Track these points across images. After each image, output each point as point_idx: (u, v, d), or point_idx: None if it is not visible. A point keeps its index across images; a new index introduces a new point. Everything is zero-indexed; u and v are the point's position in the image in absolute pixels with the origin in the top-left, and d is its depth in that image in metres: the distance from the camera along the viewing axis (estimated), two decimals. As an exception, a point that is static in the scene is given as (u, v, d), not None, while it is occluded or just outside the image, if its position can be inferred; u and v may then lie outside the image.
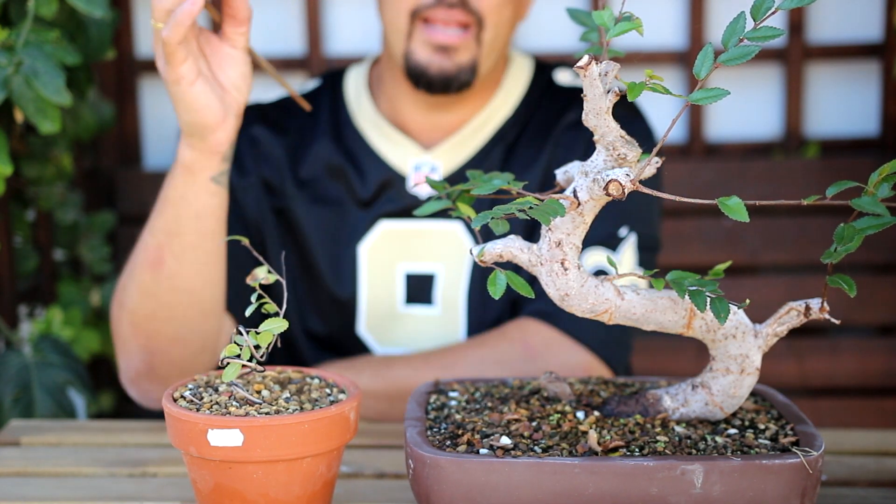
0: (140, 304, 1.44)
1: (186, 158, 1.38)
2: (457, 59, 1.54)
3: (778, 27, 0.90)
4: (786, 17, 2.33)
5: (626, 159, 0.96)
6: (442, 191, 1.13)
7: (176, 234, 1.41)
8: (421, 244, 1.60)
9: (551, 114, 1.63)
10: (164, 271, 1.42)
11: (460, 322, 1.60)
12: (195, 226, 1.40)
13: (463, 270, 1.59)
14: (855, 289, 0.94)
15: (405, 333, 1.62)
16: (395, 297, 1.61)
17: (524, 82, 1.66)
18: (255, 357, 1.06)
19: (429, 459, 0.97)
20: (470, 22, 1.52)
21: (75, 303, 2.18)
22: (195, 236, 1.41)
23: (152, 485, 1.28)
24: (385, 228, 1.60)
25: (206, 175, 1.38)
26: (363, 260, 1.61)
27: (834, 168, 2.26)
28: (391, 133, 1.63)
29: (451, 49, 1.53)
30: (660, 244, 1.63)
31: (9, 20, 1.64)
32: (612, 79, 0.93)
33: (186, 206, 1.39)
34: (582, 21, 1.11)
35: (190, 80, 1.30)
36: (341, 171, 1.62)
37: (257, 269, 1.12)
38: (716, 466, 0.95)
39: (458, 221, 1.59)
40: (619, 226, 1.55)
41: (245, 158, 1.64)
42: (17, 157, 1.99)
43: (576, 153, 1.58)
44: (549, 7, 2.19)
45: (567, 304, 1.01)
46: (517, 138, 1.62)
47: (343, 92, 1.69)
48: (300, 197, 1.62)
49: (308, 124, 1.66)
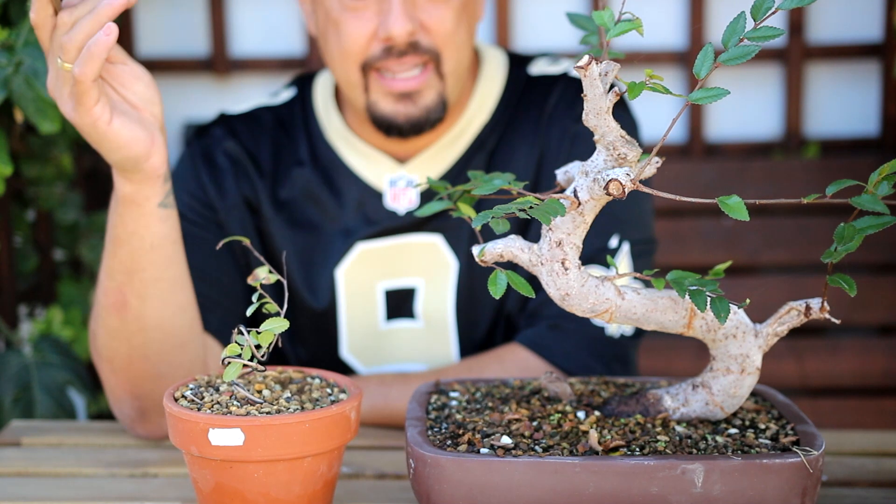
0: (114, 349, 1.37)
1: (128, 192, 1.28)
2: (422, 102, 1.47)
3: (778, 27, 0.90)
4: (786, 17, 2.33)
5: (627, 159, 0.96)
6: (443, 191, 1.13)
7: (134, 271, 1.32)
8: (400, 260, 1.55)
9: (532, 108, 1.56)
10: (130, 313, 1.33)
11: (450, 336, 1.56)
12: (152, 258, 1.31)
13: (447, 283, 1.55)
14: (855, 288, 0.94)
15: (390, 351, 1.57)
16: (375, 316, 1.56)
17: (500, 82, 1.59)
18: (255, 357, 1.06)
19: (430, 459, 0.97)
20: (426, 60, 1.45)
21: (75, 303, 2.18)
22: (154, 269, 1.32)
23: (153, 485, 1.28)
24: (362, 249, 1.54)
25: (152, 203, 1.29)
26: (341, 283, 1.55)
27: (834, 168, 2.26)
28: (363, 148, 1.56)
29: (414, 94, 1.46)
30: (655, 244, 1.57)
31: (9, 20, 1.64)
32: (612, 79, 0.94)
33: (139, 241, 1.30)
34: (582, 26, 1.11)
35: (106, 119, 1.21)
36: (318, 193, 1.56)
37: (258, 269, 1.12)
38: (716, 466, 0.95)
39: (438, 234, 1.54)
40: (608, 236, 1.49)
41: (224, 177, 1.56)
42: (17, 157, 1.99)
43: (567, 135, 1.52)
44: (549, 7, 2.19)
45: (567, 304, 1.01)
46: (499, 142, 1.55)
47: (313, 104, 1.61)
48: (278, 220, 1.56)
49: (283, 141, 1.59)
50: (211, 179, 1.56)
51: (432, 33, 1.45)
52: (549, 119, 1.54)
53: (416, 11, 1.44)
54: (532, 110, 1.56)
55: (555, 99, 1.55)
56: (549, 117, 1.54)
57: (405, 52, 1.44)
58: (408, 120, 1.48)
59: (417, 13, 1.44)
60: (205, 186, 1.55)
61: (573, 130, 1.52)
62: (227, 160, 1.57)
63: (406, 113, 1.47)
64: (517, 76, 1.59)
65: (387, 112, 1.47)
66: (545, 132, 1.54)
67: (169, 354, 1.36)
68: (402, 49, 1.43)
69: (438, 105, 1.48)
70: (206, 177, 1.56)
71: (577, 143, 1.52)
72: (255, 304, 1.09)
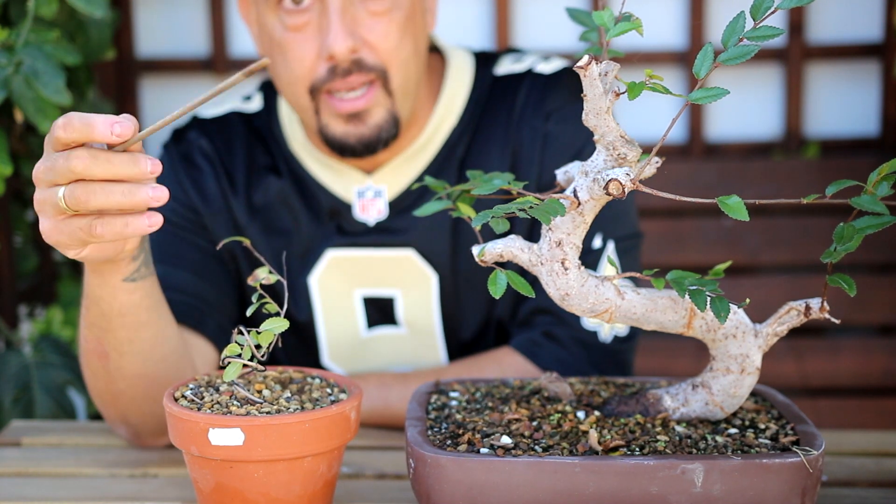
0: (100, 389, 1.34)
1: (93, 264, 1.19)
2: (371, 121, 1.44)
3: (778, 27, 0.90)
4: (786, 17, 2.33)
5: (626, 159, 0.96)
6: (442, 191, 1.13)
7: (107, 329, 1.26)
8: (375, 270, 1.53)
9: (500, 110, 1.53)
10: (111, 363, 1.29)
11: (437, 342, 1.55)
12: (122, 322, 1.25)
13: (429, 294, 1.53)
14: (855, 288, 0.94)
15: (373, 359, 1.56)
16: (356, 324, 1.55)
17: (466, 86, 1.55)
18: (255, 357, 1.06)
19: (430, 459, 0.97)
20: (370, 79, 1.42)
21: (75, 303, 2.18)
22: (126, 331, 1.26)
23: (153, 485, 1.28)
24: (333, 256, 1.53)
25: (116, 279, 1.20)
26: (315, 290, 1.54)
27: (834, 168, 2.26)
28: (327, 161, 1.53)
29: (363, 113, 1.43)
30: (641, 236, 1.54)
31: (9, 20, 1.64)
32: (611, 79, 0.94)
33: (107, 306, 1.23)
34: (582, 21, 1.11)
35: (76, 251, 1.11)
36: (291, 200, 1.54)
37: (258, 269, 1.12)
38: (716, 466, 0.95)
39: (410, 249, 1.52)
40: (591, 238, 1.47)
41: (205, 178, 1.55)
42: (17, 157, 1.99)
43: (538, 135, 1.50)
44: (549, 6, 2.19)
45: (567, 304, 1.01)
46: (469, 147, 1.52)
47: (278, 114, 1.59)
48: (252, 226, 1.54)
49: (256, 148, 1.57)
50: (192, 183, 1.55)
51: (376, 50, 1.41)
52: (518, 120, 1.51)
53: (358, 28, 1.41)
54: (500, 112, 1.53)
55: (522, 99, 1.52)
56: (519, 118, 1.51)
57: (349, 70, 1.41)
58: (359, 141, 1.45)
59: (359, 30, 1.41)
60: (186, 190, 1.54)
61: (543, 130, 1.50)
62: (205, 160, 1.56)
63: (357, 133, 1.44)
64: (483, 77, 1.56)
65: (338, 134, 1.45)
66: (516, 133, 1.51)
67: (156, 396, 1.32)
68: (346, 68, 1.40)
69: (389, 122, 1.45)
70: (186, 180, 1.55)
71: (549, 142, 1.50)
72: (255, 305, 1.09)
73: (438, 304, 1.53)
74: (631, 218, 1.52)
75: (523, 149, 1.50)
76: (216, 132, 1.58)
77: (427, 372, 1.49)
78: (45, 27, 1.58)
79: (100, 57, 1.81)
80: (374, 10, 1.40)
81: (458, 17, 2.38)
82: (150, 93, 2.39)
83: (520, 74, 1.55)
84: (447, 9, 2.39)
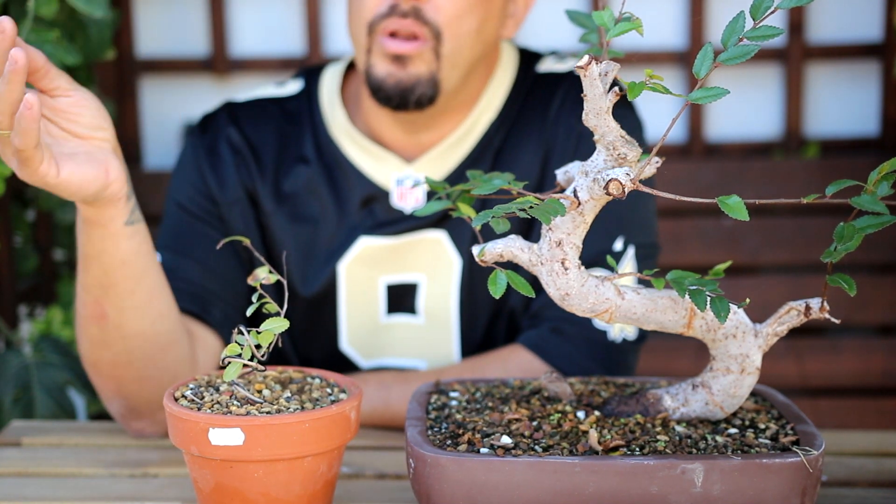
0: (97, 355, 1.37)
1: (90, 216, 1.26)
2: (412, 69, 1.46)
3: (777, 27, 0.90)
4: (786, 17, 2.33)
5: (627, 159, 0.96)
6: (442, 191, 1.13)
7: (109, 286, 1.31)
8: (403, 256, 1.54)
9: (538, 107, 1.56)
10: (110, 323, 1.33)
11: (452, 333, 1.56)
12: (124, 272, 1.30)
13: (451, 281, 1.54)
14: (855, 288, 0.94)
15: (390, 345, 1.57)
16: (376, 309, 1.56)
17: (509, 80, 1.58)
18: (255, 356, 1.06)
19: (430, 458, 0.97)
20: (423, 33, 1.45)
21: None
22: (128, 282, 1.31)
23: (153, 485, 1.28)
24: (365, 244, 1.54)
25: (116, 224, 1.26)
26: (342, 277, 1.55)
27: (834, 168, 2.26)
28: (369, 146, 1.55)
29: (406, 58, 1.45)
30: (659, 249, 1.57)
31: (9, 20, 1.64)
32: (611, 79, 0.94)
33: (109, 258, 1.29)
34: (581, 23, 1.11)
35: (54, 173, 1.15)
36: (321, 189, 1.55)
37: (258, 269, 1.12)
38: (716, 465, 0.95)
39: (442, 231, 1.54)
40: (613, 239, 1.48)
41: (226, 169, 1.56)
42: (18, 157, 1.98)
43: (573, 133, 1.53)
44: (549, 6, 2.19)
45: (567, 304, 1.01)
46: (505, 140, 1.55)
47: (318, 98, 1.61)
48: (278, 213, 1.55)
49: (289, 134, 1.59)
50: (212, 172, 1.56)
51: (439, 9, 1.44)
52: (555, 118, 1.55)
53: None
54: (538, 109, 1.56)
55: (560, 97, 1.55)
56: (556, 116, 1.55)
57: (407, 13, 1.44)
58: (397, 84, 1.47)
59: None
60: (206, 179, 1.55)
61: (578, 129, 1.52)
62: (229, 149, 1.57)
63: (396, 76, 1.47)
64: (525, 74, 1.59)
65: (379, 74, 1.47)
66: (551, 131, 1.54)
67: (153, 359, 1.37)
68: (404, 10, 1.44)
69: (429, 81, 1.47)
70: (207, 169, 1.56)
71: (582, 142, 1.52)
72: (254, 304, 1.09)
73: (458, 293, 1.54)
74: (653, 228, 1.55)
75: (557, 146, 1.53)
76: (247, 118, 1.59)
77: (427, 372, 1.49)
78: (45, 27, 1.58)
79: (100, 57, 1.81)
80: None
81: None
82: (150, 93, 2.39)
83: (561, 74, 1.58)
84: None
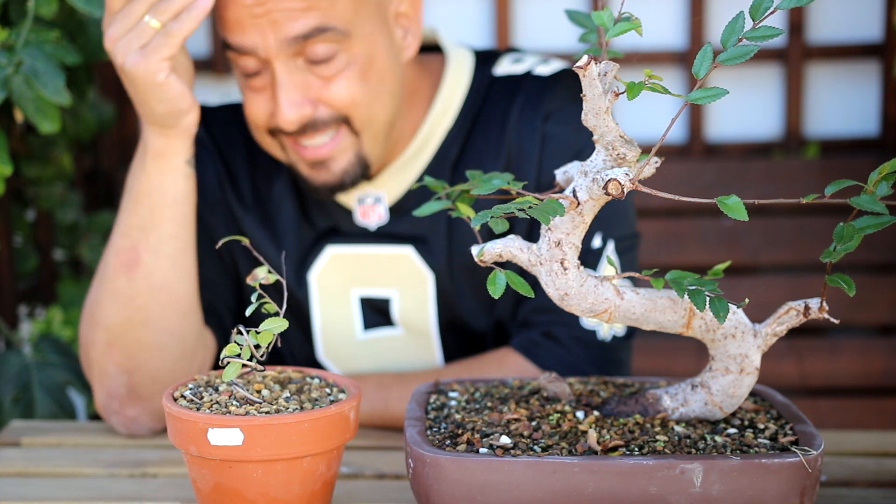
0: (116, 313, 1.40)
1: (159, 146, 1.38)
2: (335, 167, 1.42)
3: (777, 27, 0.90)
4: (786, 17, 2.33)
5: (626, 159, 0.96)
6: (441, 191, 1.13)
7: (152, 227, 1.40)
8: (373, 269, 1.52)
9: (496, 112, 1.49)
10: (140, 270, 1.39)
11: (433, 343, 1.54)
12: (172, 213, 1.40)
13: (426, 295, 1.52)
14: (854, 288, 0.94)
15: (371, 359, 1.55)
16: (352, 324, 1.54)
17: (464, 85, 1.51)
18: (255, 357, 1.06)
19: (429, 458, 0.97)
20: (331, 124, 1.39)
21: (75, 303, 2.18)
22: (172, 225, 1.40)
23: (152, 485, 1.28)
24: (333, 253, 1.52)
25: (180, 159, 1.39)
26: (314, 286, 1.53)
27: (834, 168, 2.26)
28: None
29: (327, 161, 1.42)
30: (639, 237, 1.53)
31: (9, 20, 1.64)
32: (611, 79, 0.94)
33: (162, 195, 1.39)
34: (581, 23, 1.11)
35: (166, 71, 1.32)
36: (290, 198, 1.53)
37: (257, 269, 1.12)
38: (715, 465, 0.95)
39: (409, 246, 1.51)
40: (590, 236, 1.45)
41: (204, 170, 1.53)
42: (17, 157, 1.99)
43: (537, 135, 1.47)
44: (549, 6, 2.19)
45: (567, 304, 1.01)
46: (463, 148, 1.50)
47: None
48: (248, 218, 1.53)
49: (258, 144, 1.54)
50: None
51: (333, 105, 1.38)
52: (516, 122, 1.48)
53: (309, 91, 1.37)
54: (496, 114, 1.50)
55: (520, 101, 1.49)
56: (517, 121, 1.48)
57: (305, 128, 1.39)
58: (324, 185, 1.44)
59: (311, 92, 1.38)
60: None
61: (542, 130, 1.47)
62: (203, 150, 1.54)
63: (322, 179, 1.44)
64: (482, 78, 1.53)
65: (305, 175, 1.45)
66: (513, 135, 1.48)
67: (170, 321, 1.41)
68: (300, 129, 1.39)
69: (355, 166, 1.43)
70: None
71: (547, 143, 1.47)
72: (254, 304, 1.09)
73: (435, 305, 1.53)
74: (630, 218, 1.52)
75: (521, 150, 1.48)
76: (217, 122, 1.57)
77: (426, 372, 1.49)
78: (45, 27, 1.58)
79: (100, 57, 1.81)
80: (325, 74, 1.37)
81: (458, 16, 2.38)
82: (150, 93, 2.39)
83: (518, 76, 1.52)
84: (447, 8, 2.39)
